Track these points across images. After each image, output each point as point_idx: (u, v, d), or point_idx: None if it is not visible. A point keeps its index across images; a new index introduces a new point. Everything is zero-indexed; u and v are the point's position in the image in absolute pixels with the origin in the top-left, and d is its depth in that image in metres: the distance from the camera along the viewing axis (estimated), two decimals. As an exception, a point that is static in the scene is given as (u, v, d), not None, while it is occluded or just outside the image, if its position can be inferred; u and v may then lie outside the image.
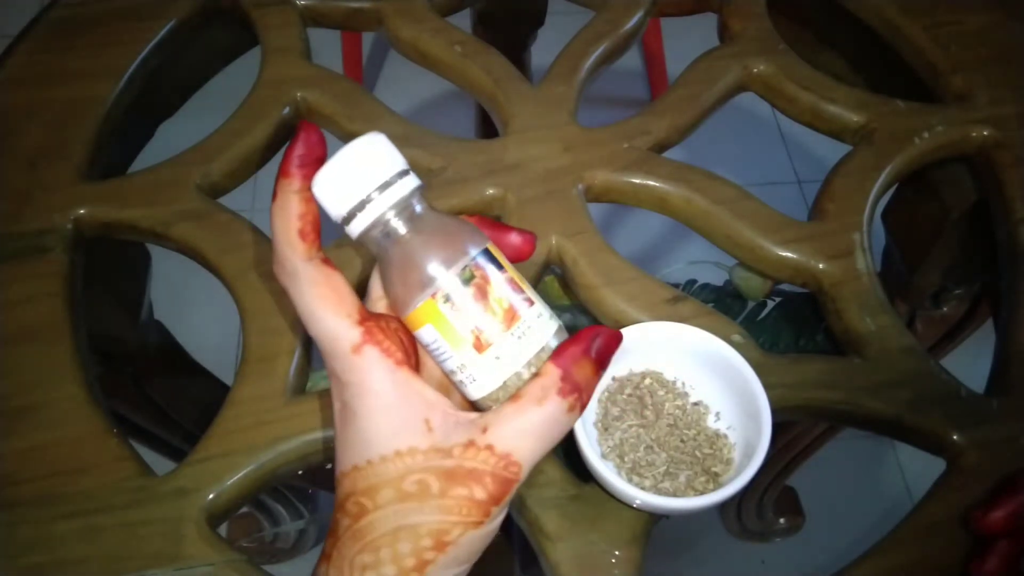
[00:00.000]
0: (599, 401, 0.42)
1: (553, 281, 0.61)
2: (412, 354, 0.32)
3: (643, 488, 0.39)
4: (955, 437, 0.42)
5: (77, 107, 0.53)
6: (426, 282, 0.31)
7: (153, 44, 0.57)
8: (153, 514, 0.40)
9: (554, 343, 0.32)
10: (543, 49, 0.77)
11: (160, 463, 0.44)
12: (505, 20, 0.81)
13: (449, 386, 0.34)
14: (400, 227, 0.32)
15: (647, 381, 0.43)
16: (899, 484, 1.18)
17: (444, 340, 0.32)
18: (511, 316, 0.32)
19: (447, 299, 0.31)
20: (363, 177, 0.32)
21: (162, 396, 0.69)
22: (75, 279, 0.48)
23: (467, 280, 0.31)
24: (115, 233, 0.51)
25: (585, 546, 0.39)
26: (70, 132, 0.52)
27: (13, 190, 0.50)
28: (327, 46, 1.40)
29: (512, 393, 0.32)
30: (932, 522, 0.40)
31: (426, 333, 0.32)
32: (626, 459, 0.40)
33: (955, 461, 0.42)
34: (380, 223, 0.32)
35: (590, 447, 0.39)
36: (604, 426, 0.41)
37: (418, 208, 0.32)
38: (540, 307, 0.33)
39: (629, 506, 0.40)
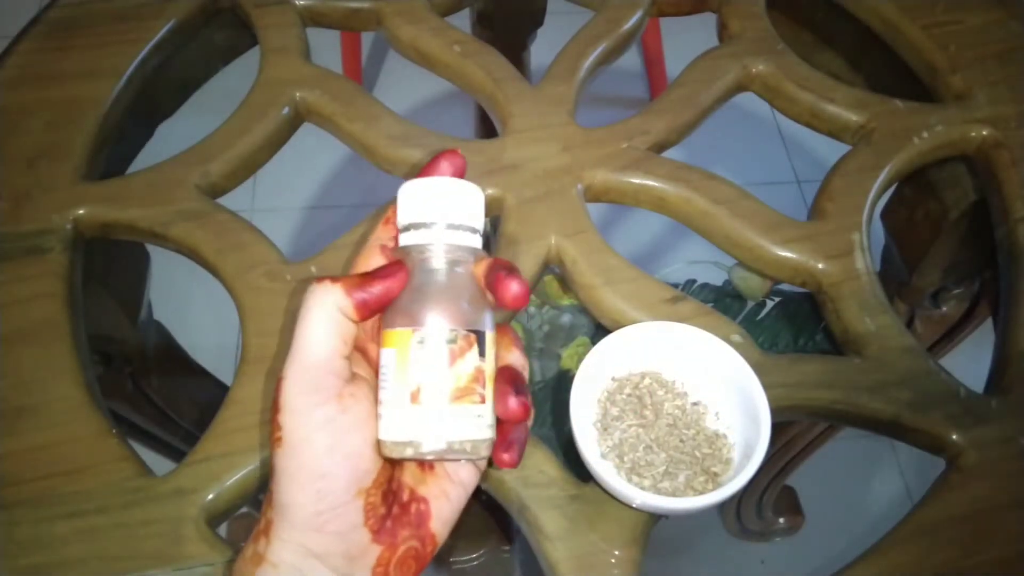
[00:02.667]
0: (598, 401, 0.42)
1: (552, 281, 0.61)
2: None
3: (642, 488, 0.39)
4: (954, 437, 0.42)
5: (76, 107, 0.53)
6: (420, 317, 0.33)
7: (152, 44, 0.57)
8: (152, 514, 0.40)
9: (483, 450, 0.33)
10: (542, 49, 0.77)
11: (159, 463, 0.44)
12: (504, 20, 0.81)
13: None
14: (438, 265, 0.34)
15: (646, 381, 0.43)
16: (898, 484, 1.18)
17: (395, 372, 0.33)
18: (460, 395, 0.33)
19: (422, 342, 0.33)
20: (446, 207, 0.34)
21: (161, 396, 0.69)
22: (74, 279, 0.48)
23: (450, 340, 0.33)
24: (114, 233, 0.50)
25: (584, 546, 0.39)
26: (69, 132, 0.52)
27: (12, 190, 0.50)
28: (326, 46, 1.40)
29: (404, 458, 0.33)
30: (932, 522, 0.40)
31: (387, 355, 0.33)
32: (625, 459, 0.40)
33: (954, 461, 0.42)
34: (427, 251, 0.34)
35: (589, 447, 0.39)
36: (603, 426, 0.41)
37: (460, 268, 0.34)
38: (487, 415, 0.33)
39: (628, 506, 0.40)
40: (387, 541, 0.32)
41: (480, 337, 0.33)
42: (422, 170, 0.37)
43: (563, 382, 0.60)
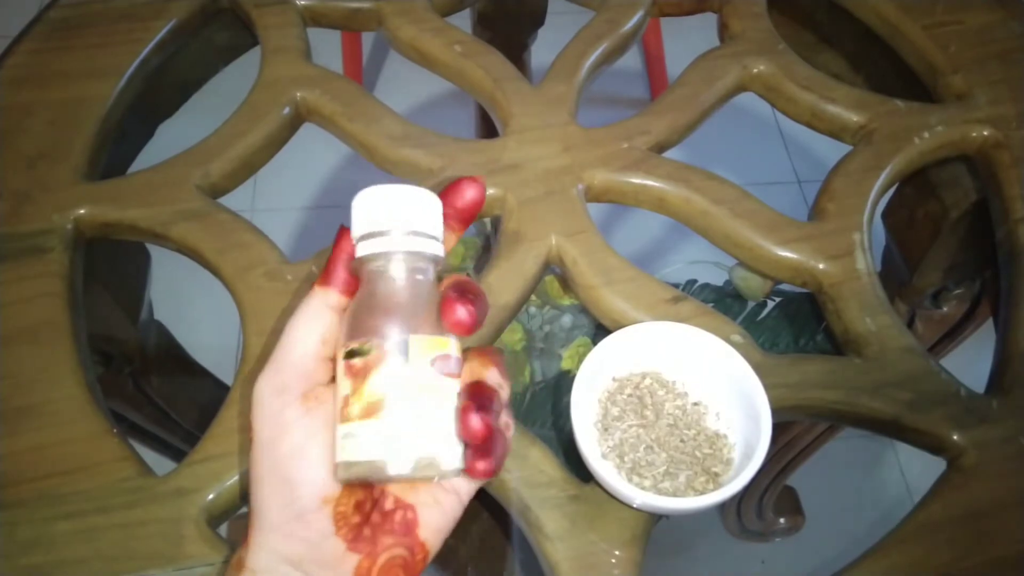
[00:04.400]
0: (599, 401, 0.42)
1: (553, 281, 0.61)
2: None
3: (643, 488, 0.39)
4: (955, 437, 0.42)
5: (77, 107, 0.53)
6: (375, 329, 0.31)
7: (153, 44, 0.57)
8: (153, 514, 0.40)
9: (451, 464, 0.31)
10: (543, 49, 0.77)
11: (160, 463, 0.44)
12: (505, 20, 0.81)
13: None
14: (389, 273, 0.32)
15: (647, 381, 0.43)
16: (899, 484, 1.17)
17: (351, 387, 0.31)
18: (370, 411, 0.31)
19: (343, 359, 0.31)
20: (403, 214, 0.32)
21: (162, 396, 0.69)
22: (75, 279, 0.48)
23: (364, 353, 0.31)
24: (115, 233, 0.50)
25: (585, 546, 0.39)
26: (70, 132, 0.52)
27: (13, 190, 0.50)
28: (327, 46, 1.40)
29: (361, 479, 0.31)
30: (933, 522, 0.40)
31: (341, 371, 0.32)
32: (626, 459, 0.40)
33: (955, 461, 0.42)
34: (379, 258, 0.32)
35: (590, 447, 0.39)
36: (604, 426, 0.41)
37: (420, 276, 0.33)
38: (409, 423, 0.31)
39: (629, 506, 0.40)
40: (366, 550, 0.31)
41: (402, 345, 0.31)
42: (443, 192, 0.36)
43: (563, 382, 0.60)
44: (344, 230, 0.33)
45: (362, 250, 0.33)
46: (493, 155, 0.52)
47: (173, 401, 0.71)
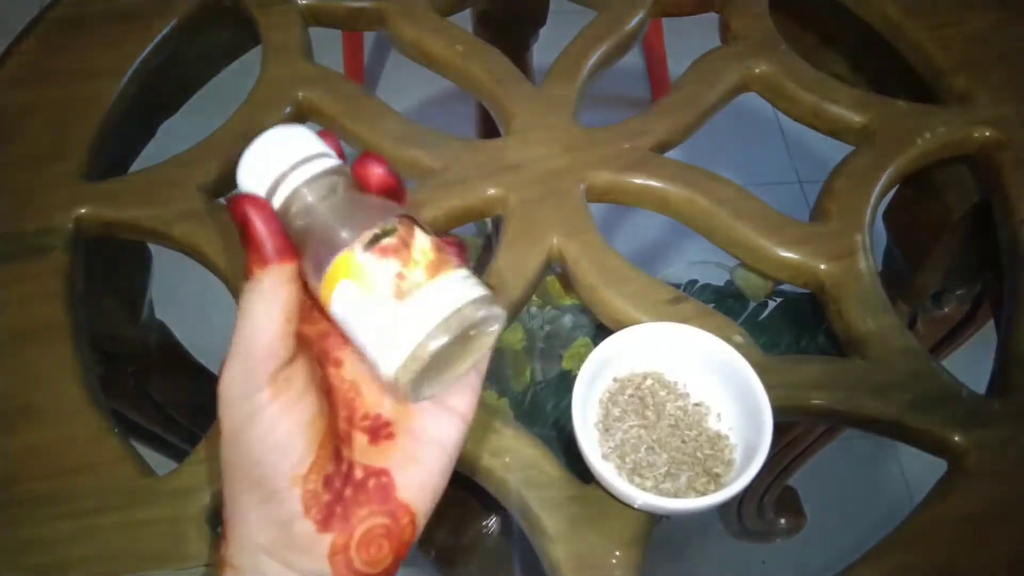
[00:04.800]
0: (600, 402, 0.42)
1: (554, 281, 0.61)
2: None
3: (644, 489, 0.39)
4: (956, 438, 0.42)
5: (78, 106, 0.53)
6: (345, 238, 0.30)
7: (154, 43, 0.57)
8: (153, 514, 0.40)
9: (482, 300, 0.30)
10: (544, 49, 0.77)
11: (161, 463, 0.44)
12: (507, 20, 0.81)
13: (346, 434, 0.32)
14: (318, 198, 0.31)
15: (648, 382, 0.43)
16: (900, 485, 1.17)
17: (365, 295, 0.30)
18: (435, 268, 0.30)
19: (368, 246, 0.30)
20: (280, 157, 0.31)
21: (163, 396, 0.69)
22: (76, 279, 0.48)
23: (388, 232, 0.30)
24: (116, 232, 0.50)
25: (586, 547, 0.39)
26: (71, 131, 0.52)
27: (14, 189, 0.50)
28: (328, 46, 1.40)
29: (424, 368, 0.29)
30: (934, 523, 0.40)
31: (341, 296, 0.30)
32: (627, 460, 0.40)
33: (957, 462, 0.42)
34: (298, 198, 0.31)
35: (591, 448, 0.39)
36: (605, 427, 0.41)
37: (340, 189, 0.32)
38: (466, 270, 0.31)
39: (630, 507, 0.40)
40: (339, 526, 0.30)
41: (409, 218, 0.31)
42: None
43: (564, 382, 0.60)
44: (246, 198, 0.31)
45: (280, 198, 0.31)
46: (495, 155, 0.52)
47: (174, 400, 0.71)
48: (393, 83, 1.54)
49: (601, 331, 0.60)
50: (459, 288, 0.30)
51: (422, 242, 0.30)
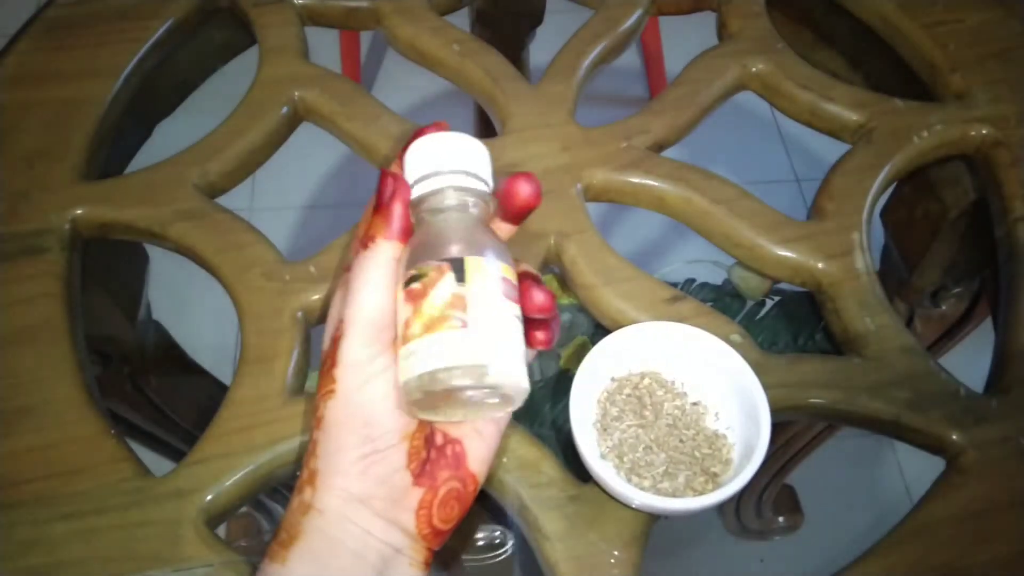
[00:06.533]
0: (598, 402, 0.42)
1: (552, 280, 0.61)
2: None
3: (642, 488, 0.39)
4: (954, 436, 0.42)
5: (74, 107, 0.53)
6: (405, 265, 0.33)
7: (150, 43, 0.56)
8: (151, 515, 0.40)
9: (446, 377, 0.31)
10: (542, 48, 0.77)
11: (158, 464, 0.44)
12: (504, 19, 0.81)
13: None
14: (448, 207, 0.34)
15: (646, 381, 0.43)
16: (898, 483, 1.18)
17: (398, 322, 0.33)
18: (431, 325, 0.31)
19: (405, 285, 0.33)
20: (450, 156, 0.34)
21: (160, 396, 0.69)
22: (72, 279, 0.48)
23: (420, 277, 0.32)
24: (113, 233, 0.50)
25: (584, 546, 0.39)
26: (67, 132, 0.52)
27: (10, 190, 0.50)
28: (325, 45, 1.40)
29: (410, 400, 0.32)
30: (931, 522, 0.40)
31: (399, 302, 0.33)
32: (625, 459, 0.40)
33: (954, 460, 0.42)
34: (435, 197, 0.34)
35: (589, 447, 0.39)
36: (603, 426, 0.41)
37: (469, 210, 0.34)
38: (477, 336, 0.31)
39: (628, 506, 0.40)
40: (428, 483, 0.33)
41: (456, 263, 0.32)
42: (409, 140, 0.36)
43: (562, 382, 0.60)
44: (395, 175, 0.34)
45: (418, 190, 0.34)
46: (492, 154, 0.52)
47: (171, 401, 0.71)
48: (390, 82, 1.54)
49: (599, 330, 0.60)
50: (429, 353, 0.31)
51: (440, 293, 0.32)
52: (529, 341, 0.34)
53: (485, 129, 0.97)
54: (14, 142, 0.52)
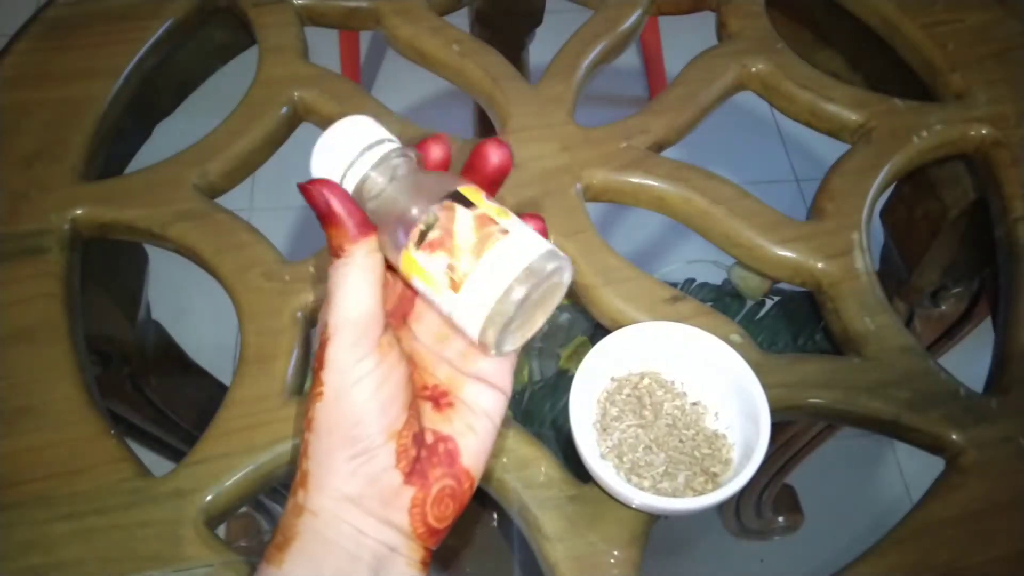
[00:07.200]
0: (598, 402, 0.42)
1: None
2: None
3: (642, 488, 0.39)
4: (954, 436, 0.42)
5: (74, 107, 0.53)
6: (400, 238, 0.33)
7: (150, 44, 0.56)
8: (151, 515, 0.40)
9: (536, 262, 0.32)
10: (541, 48, 0.77)
11: (158, 464, 0.44)
12: (503, 19, 0.81)
13: (446, 336, 0.35)
14: (386, 180, 0.33)
15: (646, 381, 0.43)
16: (898, 483, 1.18)
17: (428, 287, 0.33)
18: (479, 249, 0.32)
19: (418, 246, 0.32)
20: (347, 146, 0.34)
21: (160, 397, 0.69)
22: (72, 279, 0.48)
23: (431, 225, 0.32)
24: (112, 233, 0.50)
25: (584, 546, 0.39)
26: (67, 132, 0.52)
27: (10, 190, 0.50)
28: (324, 45, 1.39)
29: (502, 326, 0.32)
30: (931, 521, 0.40)
31: (416, 284, 0.33)
32: (625, 459, 0.40)
33: (954, 460, 0.42)
34: (367, 181, 0.33)
35: (589, 448, 0.39)
36: (603, 426, 0.41)
37: (400, 171, 0.34)
38: (518, 233, 0.32)
39: (628, 506, 0.40)
40: (419, 482, 0.33)
41: (453, 196, 0.32)
42: (468, 160, 0.37)
43: (562, 382, 0.60)
44: (314, 182, 0.33)
45: (352, 179, 0.34)
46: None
47: (171, 401, 0.71)
48: (389, 83, 1.54)
49: (599, 330, 0.60)
50: (512, 255, 0.32)
51: (463, 225, 0.32)
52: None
53: (485, 129, 0.97)
54: (14, 142, 0.52)
